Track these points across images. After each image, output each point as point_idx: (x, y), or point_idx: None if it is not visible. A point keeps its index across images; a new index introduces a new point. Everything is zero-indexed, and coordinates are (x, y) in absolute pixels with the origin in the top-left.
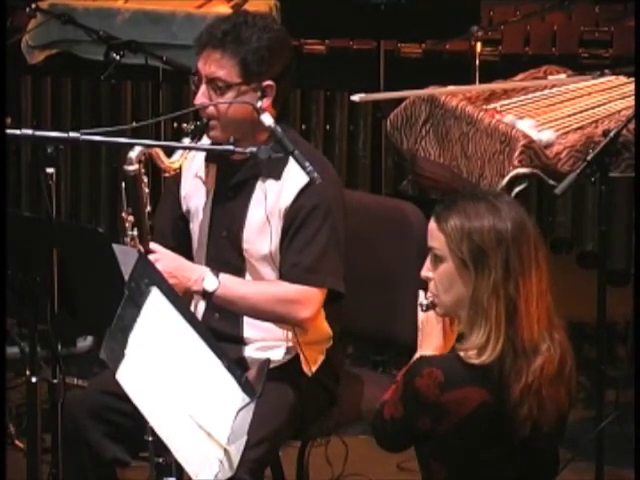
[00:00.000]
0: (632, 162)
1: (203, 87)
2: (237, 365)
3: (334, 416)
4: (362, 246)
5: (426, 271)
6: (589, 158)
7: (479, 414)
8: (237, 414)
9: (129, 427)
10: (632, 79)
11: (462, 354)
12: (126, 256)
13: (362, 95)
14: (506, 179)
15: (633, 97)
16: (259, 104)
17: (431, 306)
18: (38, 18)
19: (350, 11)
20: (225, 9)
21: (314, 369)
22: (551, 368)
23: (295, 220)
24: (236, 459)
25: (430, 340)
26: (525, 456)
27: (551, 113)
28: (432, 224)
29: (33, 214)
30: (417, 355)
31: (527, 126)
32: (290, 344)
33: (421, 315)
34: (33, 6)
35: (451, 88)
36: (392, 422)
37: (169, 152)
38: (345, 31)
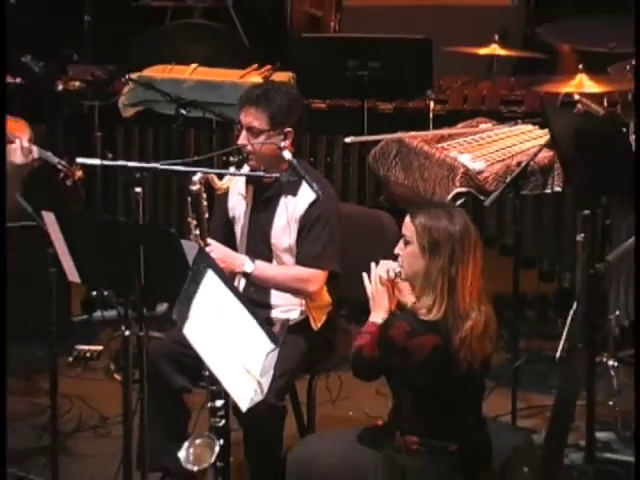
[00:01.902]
0: (538, 184)
1: (243, 132)
2: (266, 322)
3: (333, 358)
4: (352, 242)
5: (398, 249)
6: (507, 181)
7: (434, 354)
8: (266, 356)
9: (192, 365)
10: (537, 127)
11: (417, 312)
12: (190, 249)
13: (352, 138)
14: (450, 195)
15: (538, 139)
16: (282, 144)
17: (399, 274)
18: (130, 85)
19: (343, 80)
20: (258, 79)
21: (319, 325)
22: (478, 329)
23: (306, 224)
24: (266, 387)
25: (381, 304)
26: (463, 387)
27: (482, 150)
28: (407, 218)
29: (126, 220)
30: (372, 314)
31: (465, 159)
32: (303, 308)
33: (368, 287)
34: (126, 77)
35: (413, 133)
36: (370, 361)
37: (220, 177)
38: (339, 94)
